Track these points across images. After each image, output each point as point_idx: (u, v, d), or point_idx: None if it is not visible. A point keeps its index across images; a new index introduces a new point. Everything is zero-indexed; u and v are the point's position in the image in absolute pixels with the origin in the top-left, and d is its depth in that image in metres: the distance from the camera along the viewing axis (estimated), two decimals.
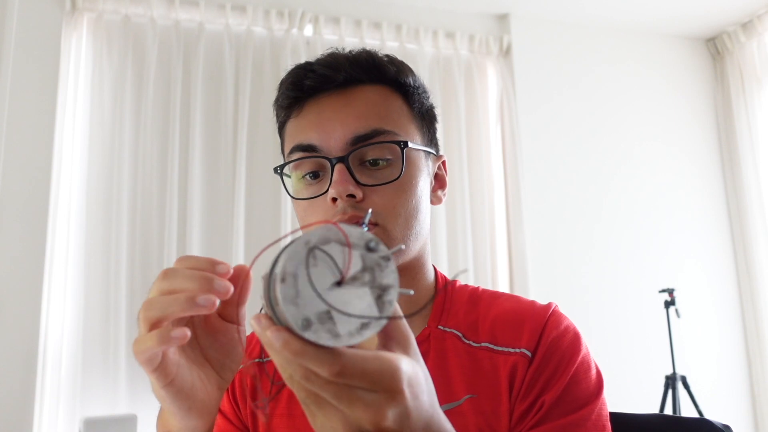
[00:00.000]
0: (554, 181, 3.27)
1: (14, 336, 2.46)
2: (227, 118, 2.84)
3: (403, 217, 0.75)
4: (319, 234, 0.40)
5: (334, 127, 0.75)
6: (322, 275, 0.39)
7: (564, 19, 3.45)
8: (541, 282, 3.09)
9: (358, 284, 0.40)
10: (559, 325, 0.75)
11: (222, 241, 2.75)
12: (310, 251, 0.39)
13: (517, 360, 0.72)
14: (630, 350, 3.10)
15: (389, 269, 0.41)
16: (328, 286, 0.39)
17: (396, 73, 0.79)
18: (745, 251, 3.50)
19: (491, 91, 3.29)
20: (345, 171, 0.73)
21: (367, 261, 0.40)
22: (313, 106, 0.78)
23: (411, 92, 0.80)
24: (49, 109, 2.64)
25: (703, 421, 0.85)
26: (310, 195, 0.76)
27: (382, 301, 0.40)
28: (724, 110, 3.66)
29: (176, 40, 2.83)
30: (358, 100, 0.77)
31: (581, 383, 0.71)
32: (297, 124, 0.79)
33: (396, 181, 0.74)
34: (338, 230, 0.40)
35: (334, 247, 0.40)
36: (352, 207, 0.72)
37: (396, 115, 0.77)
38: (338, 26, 3.06)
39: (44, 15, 2.70)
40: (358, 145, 0.74)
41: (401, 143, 0.74)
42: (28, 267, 2.52)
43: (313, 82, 0.78)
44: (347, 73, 0.77)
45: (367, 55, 0.79)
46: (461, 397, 0.72)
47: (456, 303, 0.80)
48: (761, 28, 3.46)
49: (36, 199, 2.56)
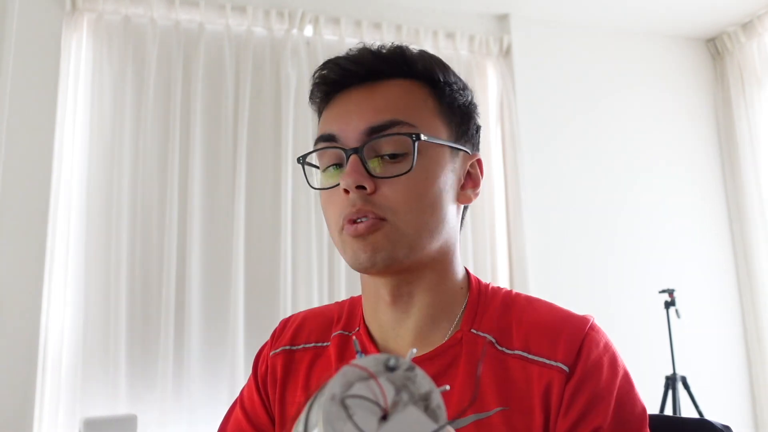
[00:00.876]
0: (554, 181, 3.27)
1: (14, 336, 2.46)
2: (227, 118, 2.84)
3: (415, 212, 0.72)
4: (340, 382, 0.38)
5: (353, 119, 0.75)
6: (366, 419, 0.37)
7: (564, 20, 3.45)
8: (541, 282, 3.09)
9: (402, 408, 0.38)
10: (599, 343, 0.73)
11: (222, 241, 2.75)
12: (342, 404, 0.37)
13: (552, 374, 0.70)
14: (630, 350, 3.07)
15: (419, 376, 0.40)
16: (377, 426, 0.37)
17: (425, 68, 0.78)
18: (745, 251, 3.50)
19: (491, 91, 3.29)
20: (357, 162, 0.72)
21: (397, 381, 0.39)
22: (339, 100, 0.78)
23: (441, 86, 0.78)
24: (49, 110, 2.63)
25: (703, 421, 0.84)
26: (329, 186, 0.76)
27: (432, 411, 0.39)
28: (724, 111, 3.66)
29: (176, 41, 2.83)
30: (379, 93, 0.76)
31: (627, 405, 0.70)
32: (325, 116, 0.80)
33: (408, 174, 0.72)
34: (354, 368, 0.39)
35: (360, 387, 0.38)
36: (362, 199, 0.71)
37: (418, 109, 0.76)
38: (338, 26, 3.06)
39: (44, 15, 2.70)
40: (373, 136, 0.73)
41: (413, 135, 0.72)
42: (28, 267, 2.52)
43: (336, 76, 0.78)
44: (370, 67, 0.77)
45: (395, 50, 0.78)
46: (492, 407, 0.70)
47: (490, 306, 0.78)
48: (761, 28, 3.46)
49: (36, 200, 2.56)
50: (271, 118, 2.90)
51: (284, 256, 2.76)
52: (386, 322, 0.79)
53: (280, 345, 0.86)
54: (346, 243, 0.74)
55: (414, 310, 0.77)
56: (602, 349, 0.72)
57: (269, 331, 0.91)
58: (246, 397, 0.88)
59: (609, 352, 0.73)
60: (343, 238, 0.74)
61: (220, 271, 2.73)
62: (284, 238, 2.77)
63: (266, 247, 2.80)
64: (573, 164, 3.32)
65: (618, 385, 0.71)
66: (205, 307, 2.69)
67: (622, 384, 0.71)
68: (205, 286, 2.71)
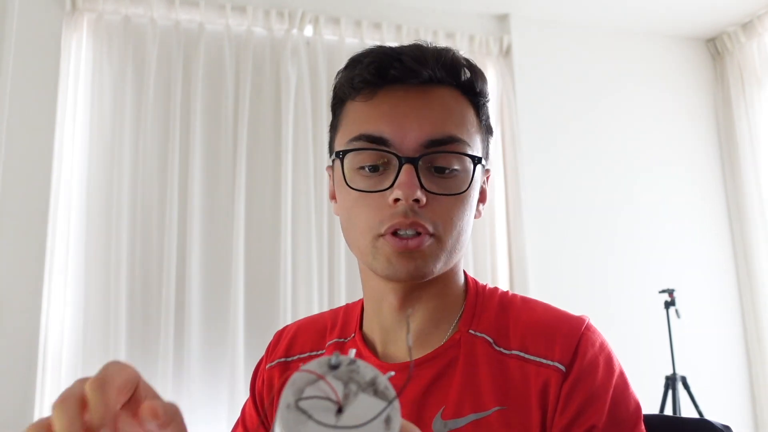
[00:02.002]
0: (554, 181, 3.27)
1: (14, 336, 2.46)
2: (227, 118, 2.84)
3: (458, 229, 0.73)
4: (291, 390, 0.41)
5: (410, 126, 0.72)
6: (324, 416, 0.40)
7: (564, 20, 3.45)
8: (541, 282, 3.09)
9: (353, 397, 0.41)
10: (594, 343, 0.73)
11: (222, 241, 2.75)
12: (297, 409, 0.40)
13: (549, 373, 0.71)
14: (630, 350, 3.08)
15: (362, 366, 0.43)
16: (336, 419, 0.40)
17: (472, 79, 0.78)
18: (745, 251, 3.50)
19: (491, 91, 3.28)
20: (413, 173, 0.70)
21: (343, 376, 0.42)
22: (387, 97, 0.74)
23: (482, 103, 0.79)
24: (49, 110, 2.63)
25: (703, 421, 0.85)
26: (366, 188, 0.72)
27: (381, 393, 0.42)
28: (724, 111, 3.66)
29: (176, 41, 2.83)
30: (437, 102, 0.74)
31: (621, 404, 0.71)
32: (366, 111, 0.74)
33: (462, 194, 0.73)
34: (302, 374, 0.42)
35: (311, 389, 0.41)
36: (413, 211, 0.70)
37: (469, 125, 0.76)
38: (338, 27, 3.06)
39: (44, 15, 2.70)
40: (432, 150, 0.71)
41: (476, 159, 0.73)
42: (28, 267, 2.52)
43: (398, 72, 0.74)
44: (432, 71, 0.75)
45: (452, 56, 0.77)
46: (490, 407, 0.71)
47: (487, 307, 0.79)
48: (761, 28, 3.46)
49: (36, 200, 2.56)
50: (271, 118, 2.90)
51: (284, 256, 2.75)
52: (389, 326, 0.79)
53: (275, 358, 0.86)
54: (380, 251, 0.72)
55: (418, 314, 0.78)
56: (598, 348, 0.73)
57: (269, 331, 0.91)
58: (247, 414, 0.88)
59: (605, 352, 0.74)
60: (378, 245, 0.72)
61: (220, 271, 2.72)
62: (284, 238, 2.77)
63: (266, 247, 2.80)
64: (573, 164, 3.32)
65: (614, 384, 0.71)
66: (205, 307, 2.69)
67: (618, 383, 0.72)
68: (205, 286, 2.71)
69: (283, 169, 2.83)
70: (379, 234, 0.72)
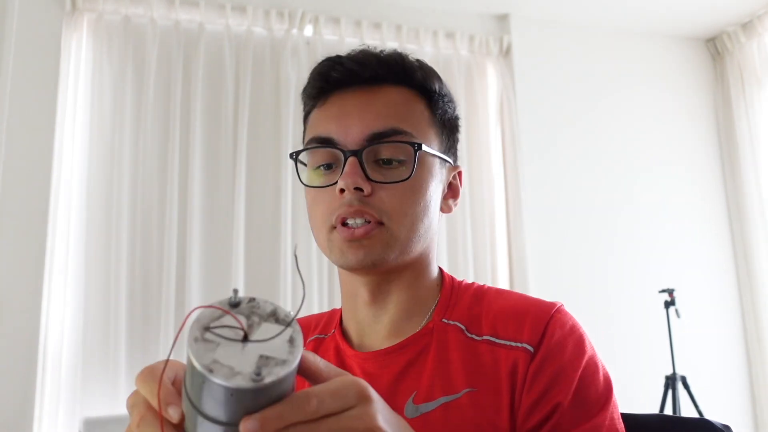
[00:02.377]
0: (554, 181, 3.27)
1: (14, 336, 2.46)
2: (227, 118, 2.84)
3: (410, 218, 0.75)
4: (196, 326, 0.43)
5: (353, 122, 0.76)
6: (231, 343, 0.43)
7: (564, 20, 3.45)
8: (541, 282, 3.09)
9: (257, 326, 0.44)
10: (564, 325, 0.74)
11: (222, 241, 2.75)
12: (204, 340, 0.42)
13: (518, 355, 0.72)
14: (630, 350, 3.10)
15: (261, 302, 0.46)
16: (243, 345, 0.43)
17: (423, 78, 0.81)
18: (744, 251, 3.50)
19: (491, 91, 3.29)
20: (356, 164, 0.74)
21: (244, 311, 0.45)
22: (336, 100, 0.79)
23: (435, 99, 0.81)
24: (49, 110, 2.63)
25: (703, 421, 0.85)
26: (321, 185, 0.77)
27: (282, 320, 0.45)
28: (724, 110, 3.66)
29: (176, 41, 2.83)
30: (381, 99, 0.78)
31: (590, 387, 0.71)
32: (319, 116, 0.80)
33: (405, 181, 0.75)
34: (204, 310, 0.44)
35: (216, 323, 0.44)
36: (358, 200, 0.73)
37: (416, 119, 0.78)
38: (338, 26, 3.06)
39: (44, 15, 2.70)
40: (374, 142, 0.75)
41: (415, 145, 0.76)
42: (28, 267, 2.52)
43: (339, 75, 0.79)
44: (374, 71, 0.78)
45: (397, 57, 0.81)
46: (460, 389, 0.72)
47: (461, 299, 0.81)
48: (761, 28, 3.46)
49: (36, 200, 2.56)
50: (271, 118, 2.90)
51: (284, 256, 2.76)
52: (363, 319, 0.81)
53: None
54: (334, 242, 0.76)
55: (390, 306, 0.80)
56: (568, 330, 0.74)
57: None
58: None
59: (575, 334, 0.74)
60: (332, 237, 0.76)
61: (220, 271, 2.73)
62: (284, 238, 2.77)
63: (266, 247, 2.80)
64: (573, 164, 3.32)
65: (583, 365, 0.72)
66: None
67: (588, 364, 0.72)
68: (205, 286, 2.71)
69: (283, 169, 2.83)
70: (332, 225, 0.75)
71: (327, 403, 0.44)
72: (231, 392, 0.41)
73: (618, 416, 0.72)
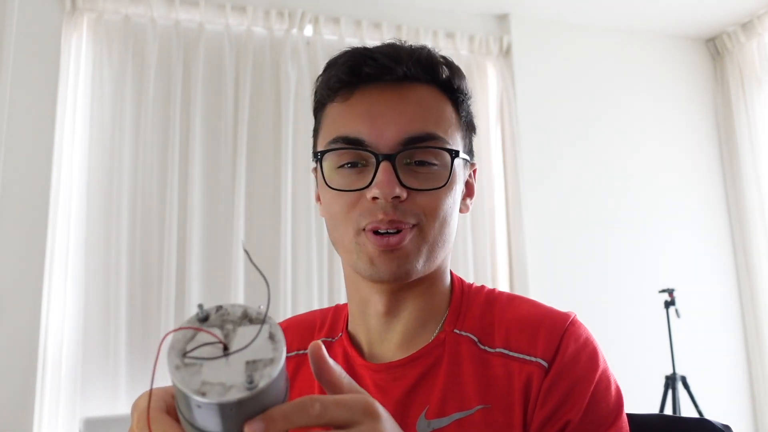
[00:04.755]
0: (554, 181, 3.27)
1: (14, 336, 2.46)
2: (227, 118, 2.84)
3: (440, 222, 0.73)
4: (173, 352, 0.43)
5: (387, 124, 0.72)
6: (214, 360, 0.42)
7: (564, 20, 3.45)
8: (541, 282, 3.09)
9: (234, 333, 0.43)
10: (578, 338, 0.73)
11: (222, 241, 2.75)
12: (185, 365, 0.42)
13: (532, 370, 0.70)
14: (630, 350, 3.10)
15: (229, 307, 0.45)
16: (227, 357, 0.42)
17: (450, 77, 0.77)
18: (744, 251, 3.50)
19: (491, 91, 3.29)
20: (391, 171, 0.70)
21: (216, 323, 0.44)
22: (363, 96, 0.74)
23: (461, 100, 0.79)
24: (49, 110, 2.63)
25: (703, 421, 0.85)
26: (346, 186, 0.73)
27: (255, 318, 0.44)
28: (724, 110, 3.66)
29: (176, 40, 2.83)
30: (413, 99, 0.74)
31: (602, 402, 0.70)
32: (343, 112, 0.75)
33: (442, 188, 0.73)
34: (176, 333, 0.43)
35: (192, 344, 0.43)
36: (393, 208, 0.70)
37: (447, 122, 0.76)
38: (338, 26, 3.06)
39: (44, 15, 2.70)
40: (410, 147, 0.72)
41: (453, 152, 0.73)
42: (28, 267, 2.52)
43: (372, 70, 0.74)
44: (407, 68, 0.74)
45: (428, 53, 0.77)
46: (473, 405, 0.71)
47: (472, 305, 0.79)
48: (761, 28, 3.46)
49: (36, 199, 2.56)
50: (271, 118, 2.90)
51: (284, 256, 2.76)
52: (375, 327, 0.79)
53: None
54: (362, 248, 0.72)
55: (404, 314, 0.77)
56: (582, 344, 0.73)
57: None
58: None
59: (588, 348, 0.73)
60: (360, 241, 0.72)
61: (220, 271, 2.73)
62: (284, 238, 2.77)
63: (266, 247, 2.80)
64: (573, 164, 3.32)
65: (596, 380, 0.71)
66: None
67: (600, 379, 0.72)
68: (205, 286, 2.71)
69: (283, 169, 2.83)
70: (361, 228, 0.72)
71: (331, 410, 0.44)
72: (230, 407, 0.40)
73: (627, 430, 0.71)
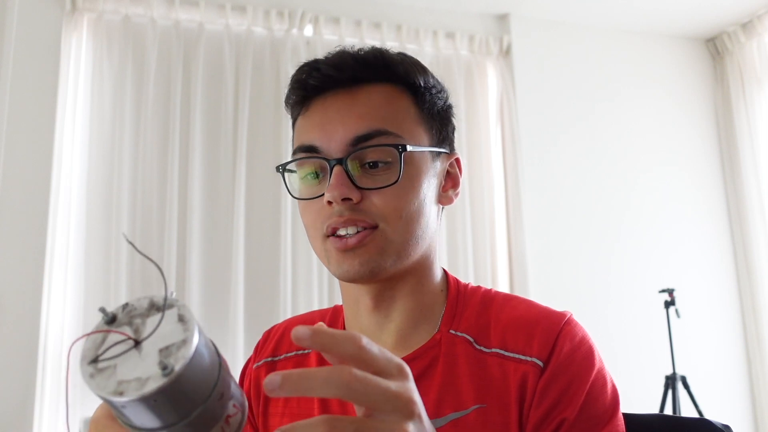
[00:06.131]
0: (554, 181, 3.27)
1: (14, 336, 2.46)
2: (227, 118, 2.84)
3: (404, 220, 0.73)
4: (83, 360, 0.41)
5: (335, 128, 0.73)
6: (127, 357, 0.41)
7: (564, 20, 3.45)
8: (541, 282, 3.09)
9: (143, 325, 0.42)
10: (573, 337, 0.73)
11: (222, 241, 2.75)
12: (98, 369, 0.41)
13: (527, 369, 0.71)
14: (630, 350, 3.10)
15: (135, 302, 0.44)
16: (140, 351, 0.41)
17: (405, 72, 0.77)
18: (745, 251, 3.50)
19: (491, 91, 3.29)
20: (342, 174, 0.71)
21: (124, 320, 0.43)
22: (318, 106, 0.76)
23: (421, 92, 0.78)
24: (49, 110, 2.64)
25: (703, 421, 0.85)
26: (309, 195, 0.75)
27: (162, 306, 0.43)
28: (724, 110, 3.66)
29: (176, 41, 2.83)
30: (362, 100, 0.75)
31: (597, 401, 0.70)
32: (303, 124, 0.78)
33: (395, 184, 0.72)
34: (86, 339, 0.42)
35: (103, 347, 0.42)
36: (349, 210, 0.71)
37: (400, 116, 0.75)
38: (338, 26, 3.06)
39: (44, 15, 2.70)
40: (358, 147, 0.72)
41: (399, 146, 0.72)
42: (28, 267, 2.52)
43: (316, 81, 0.76)
44: (353, 72, 0.75)
45: (376, 54, 0.77)
46: (469, 405, 0.71)
47: (468, 306, 0.79)
48: (761, 28, 3.46)
49: (36, 199, 2.56)
50: (271, 118, 2.90)
51: (284, 256, 2.76)
52: (368, 327, 0.79)
53: (262, 357, 0.86)
54: (330, 253, 0.73)
55: (395, 314, 0.78)
56: (577, 343, 0.73)
57: None
58: None
59: (584, 347, 0.73)
60: (327, 247, 0.74)
61: (220, 271, 2.73)
62: (284, 239, 2.77)
63: (266, 248, 2.80)
64: (573, 164, 3.32)
65: (591, 379, 0.71)
66: (205, 307, 2.69)
67: (596, 378, 0.72)
68: (205, 286, 2.71)
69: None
70: (325, 234, 0.73)
71: (370, 359, 0.44)
72: (153, 398, 0.39)
73: (622, 429, 0.71)
